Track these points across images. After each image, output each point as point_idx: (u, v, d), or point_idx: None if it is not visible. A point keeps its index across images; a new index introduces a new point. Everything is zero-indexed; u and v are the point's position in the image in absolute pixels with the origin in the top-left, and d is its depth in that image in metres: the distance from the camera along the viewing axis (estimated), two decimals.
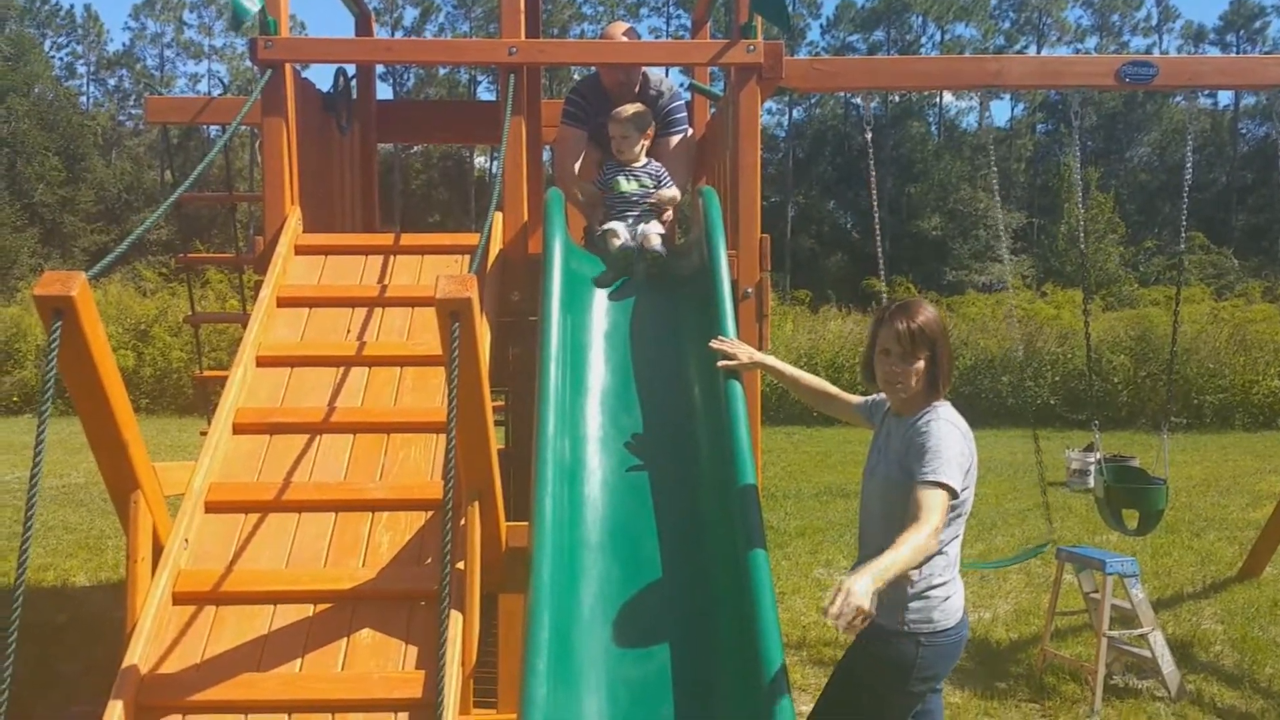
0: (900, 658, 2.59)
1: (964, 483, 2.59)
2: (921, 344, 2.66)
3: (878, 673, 2.65)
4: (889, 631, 2.58)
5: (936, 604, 2.60)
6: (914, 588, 2.58)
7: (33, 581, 6.49)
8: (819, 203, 39.34)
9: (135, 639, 2.65)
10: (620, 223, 4.00)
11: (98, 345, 2.39)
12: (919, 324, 2.67)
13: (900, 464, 2.63)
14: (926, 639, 2.58)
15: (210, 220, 28.95)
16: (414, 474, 3.27)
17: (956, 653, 2.69)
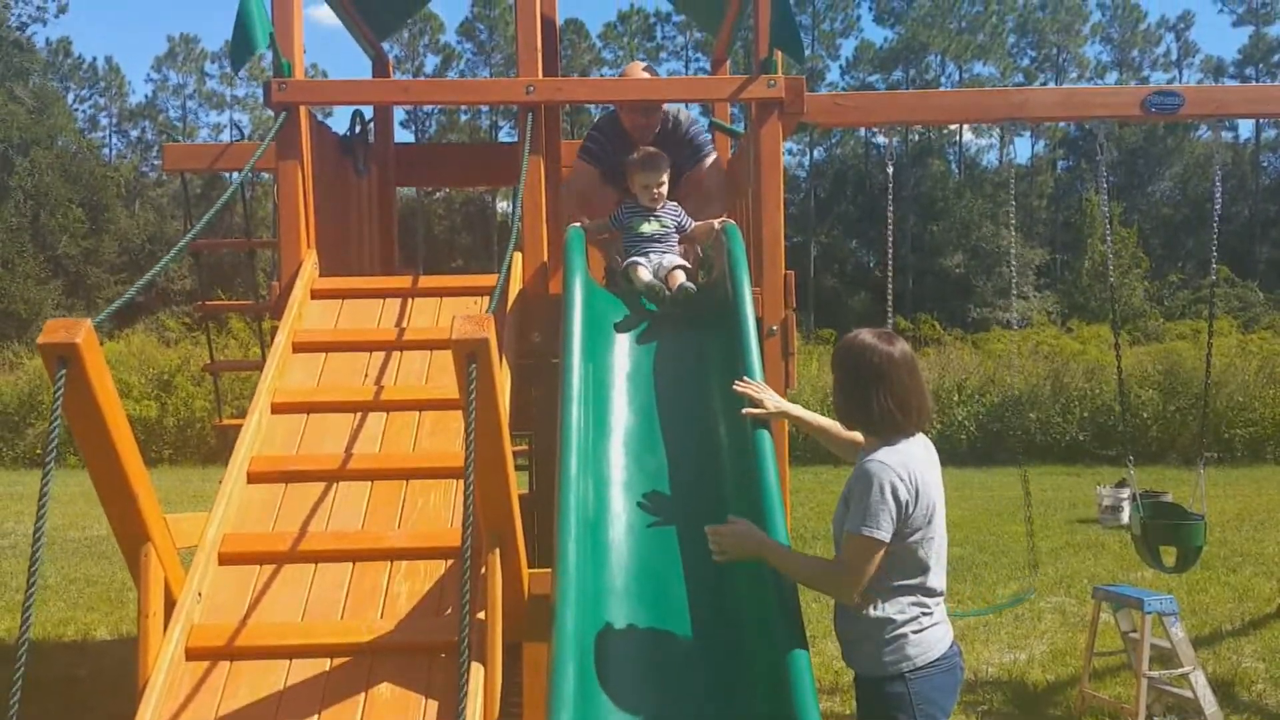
0: (895, 700, 2.57)
1: (902, 526, 2.54)
2: (834, 368, 2.75)
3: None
4: (876, 679, 2.60)
5: (910, 641, 2.58)
6: (884, 634, 2.58)
7: (53, 635, 6.43)
8: (841, 242, 39.34)
9: (147, 696, 2.56)
10: (643, 257, 3.92)
11: (104, 393, 2.33)
12: (836, 350, 2.78)
13: (845, 502, 2.66)
14: (912, 674, 2.56)
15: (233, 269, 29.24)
16: (433, 521, 3.18)
17: (953, 683, 2.65)
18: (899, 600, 2.59)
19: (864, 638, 2.63)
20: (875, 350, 2.67)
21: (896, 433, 2.64)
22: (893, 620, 2.58)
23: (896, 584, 2.59)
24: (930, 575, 2.63)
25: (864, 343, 2.70)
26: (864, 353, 2.68)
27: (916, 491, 2.56)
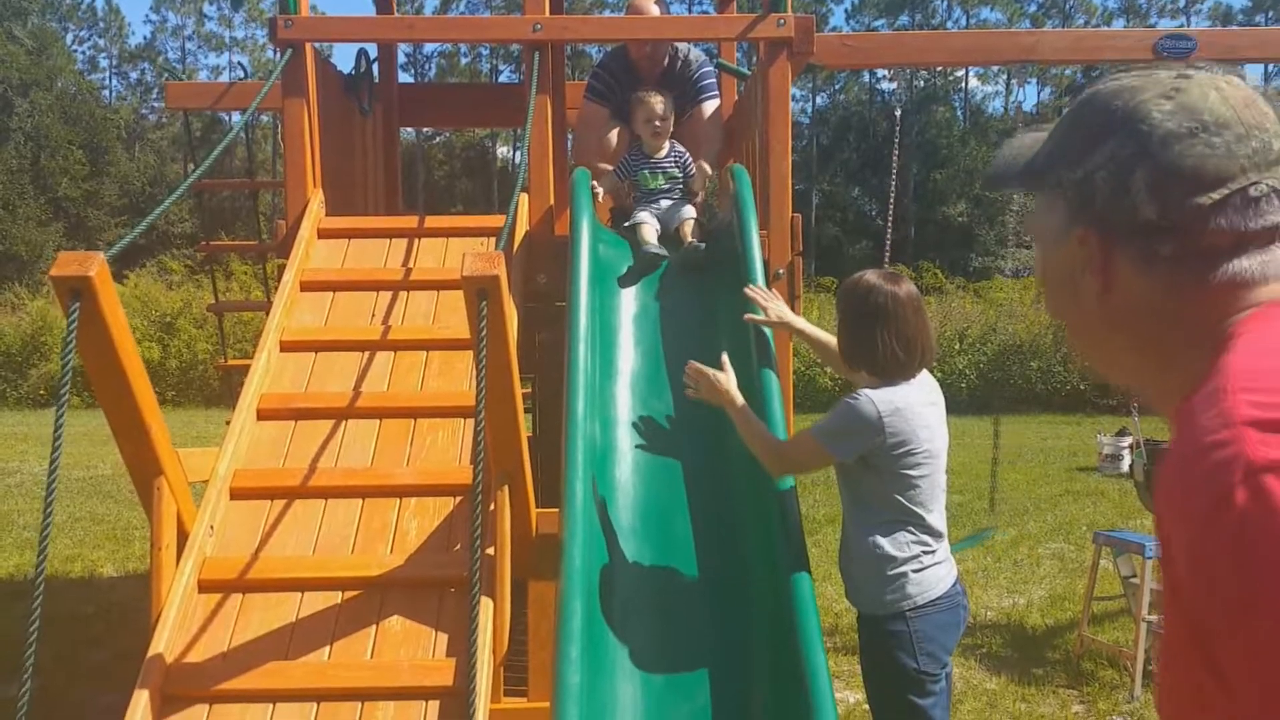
0: (896, 637, 2.60)
1: (850, 450, 2.62)
2: (839, 308, 2.80)
3: (883, 659, 2.64)
4: (878, 617, 2.64)
5: (911, 579, 2.61)
6: (886, 571, 2.61)
7: (60, 572, 6.51)
8: (843, 190, 39.04)
9: (160, 628, 2.60)
10: (648, 211, 3.89)
11: (117, 327, 2.34)
12: (841, 290, 2.83)
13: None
14: (913, 612, 2.60)
15: (233, 213, 29.10)
16: (441, 459, 3.21)
17: (954, 621, 2.68)
18: (898, 537, 2.62)
19: (866, 576, 2.66)
20: (880, 290, 2.68)
21: (899, 373, 2.66)
22: (894, 558, 2.61)
23: (891, 519, 2.62)
24: (929, 514, 2.66)
25: (869, 283, 2.71)
26: (869, 293, 2.69)
27: (895, 433, 2.58)
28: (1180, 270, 0.93)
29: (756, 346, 3.27)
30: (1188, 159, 0.91)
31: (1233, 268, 0.92)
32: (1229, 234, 0.91)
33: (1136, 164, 0.93)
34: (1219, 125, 0.92)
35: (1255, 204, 0.91)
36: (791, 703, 2.47)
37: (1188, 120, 0.92)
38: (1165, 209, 0.92)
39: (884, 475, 2.61)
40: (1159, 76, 0.96)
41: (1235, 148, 0.91)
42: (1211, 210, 0.91)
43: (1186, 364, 0.91)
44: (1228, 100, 0.93)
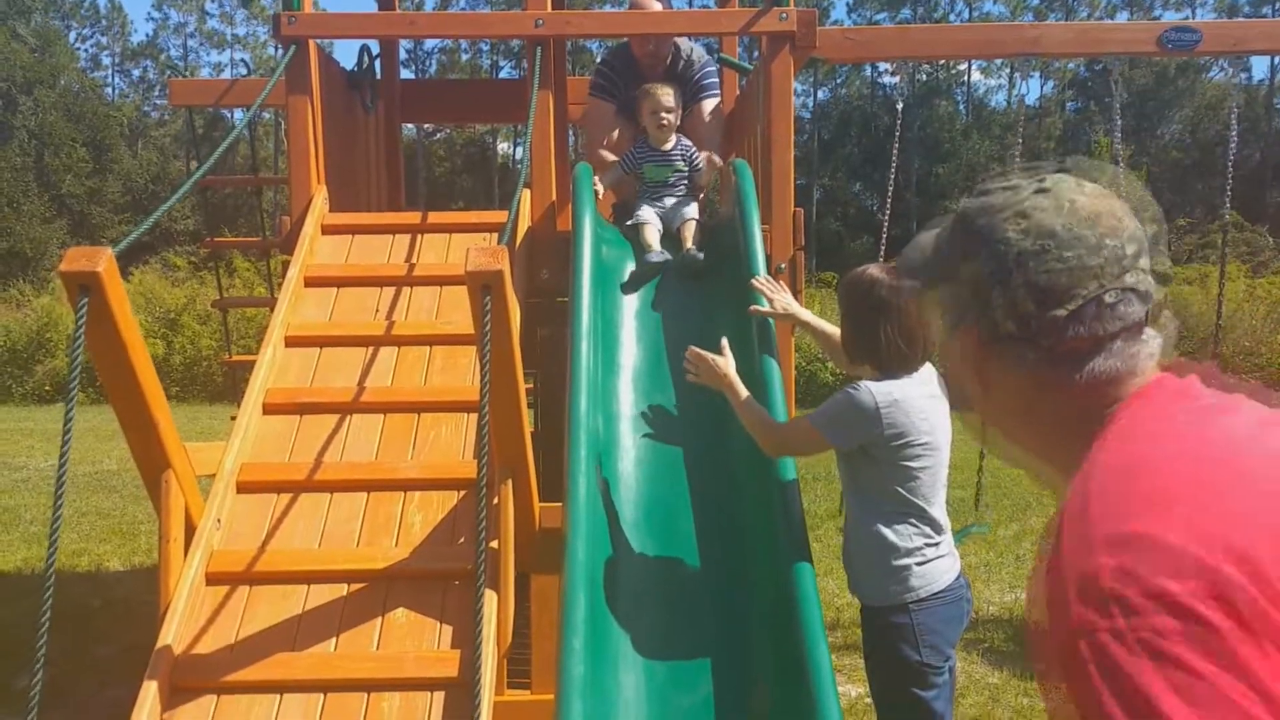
0: (899, 629, 2.61)
1: (847, 439, 2.64)
2: (842, 303, 2.80)
3: (886, 652, 2.65)
4: (881, 609, 2.64)
5: (914, 572, 2.62)
6: (890, 562, 2.62)
7: (67, 566, 6.54)
8: (845, 185, 38.98)
9: (169, 620, 2.62)
10: (651, 208, 3.89)
11: (125, 322, 2.36)
12: (843, 284, 2.82)
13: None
14: (915, 605, 2.61)
15: (236, 210, 29.12)
16: (445, 453, 3.23)
17: (958, 614, 2.69)
18: (901, 528, 2.63)
19: (869, 566, 2.68)
20: (883, 284, 2.69)
21: (902, 367, 2.67)
22: (897, 548, 2.62)
23: (893, 510, 2.63)
24: (930, 507, 2.67)
25: (872, 277, 2.72)
26: (872, 287, 2.70)
27: (892, 424, 2.59)
28: (1047, 372, 1.00)
29: (759, 339, 3.29)
30: (1041, 276, 0.98)
31: (1096, 368, 0.99)
32: (1087, 339, 0.99)
33: (996, 282, 1.00)
34: (1071, 241, 0.99)
35: (1111, 309, 0.99)
36: (794, 695, 2.49)
37: (1040, 239, 0.99)
38: (1025, 322, 0.99)
39: (884, 466, 2.63)
40: (1020, 192, 1.03)
41: (1087, 259, 0.98)
42: (1068, 320, 0.98)
43: (1068, 452, 0.97)
44: (1080, 213, 1.00)
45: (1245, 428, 0.95)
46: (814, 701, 2.41)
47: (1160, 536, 0.83)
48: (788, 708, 2.52)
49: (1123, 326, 1.00)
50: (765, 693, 2.64)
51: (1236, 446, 0.92)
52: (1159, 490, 0.87)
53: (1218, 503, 0.85)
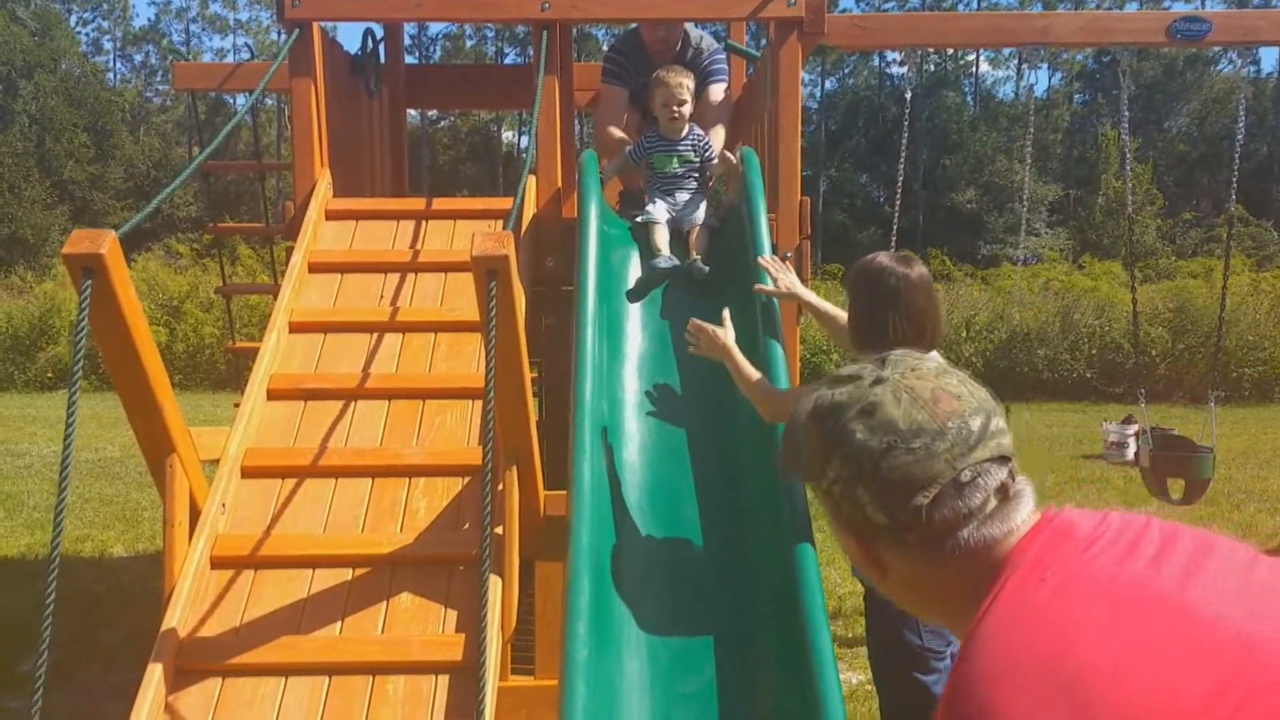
0: (902, 614, 2.58)
1: None
2: (851, 291, 2.81)
3: (888, 636, 2.70)
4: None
5: None
6: None
7: (71, 552, 6.55)
8: (851, 176, 38.88)
9: (173, 603, 2.62)
10: (662, 203, 3.78)
11: (129, 304, 2.36)
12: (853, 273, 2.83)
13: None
14: None
15: (238, 197, 29.10)
16: (450, 440, 3.23)
17: None
18: None
19: None
20: (893, 272, 2.69)
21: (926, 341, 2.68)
22: None
23: None
24: None
25: (881, 265, 2.72)
26: (881, 275, 2.70)
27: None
28: (929, 550, 1.06)
29: (763, 322, 3.28)
30: (895, 471, 1.04)
31: (969, 539, 1.05)
32: (954, 516, 1.04)
33: (856, 482, 1.06)
34: (914, 432, 1.04)
35: (970, 485, 1.04)
36: (796, 680, 2.49)
37: (886, 436, 1.04)
38: (891, 514, 1.05)
39: None
40: (859, 387, 1.09)
41: (934, 447, 1.04)
42: (930, 506, 1.04)
43: (964, 613, 1.03)
44: (919, 400, 1.06)
45: (1130, 572, 0.99)
46: (816, 686, 2.41)
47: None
48: (790, 692, 2.52)
49: (984, 498, 1.04)
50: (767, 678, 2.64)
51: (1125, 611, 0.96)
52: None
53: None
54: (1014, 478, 1.09)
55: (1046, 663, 0.92)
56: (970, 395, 1.09)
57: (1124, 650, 0.91)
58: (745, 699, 2.61)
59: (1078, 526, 1.06)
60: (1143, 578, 0.98)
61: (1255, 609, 0.97)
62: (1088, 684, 0.89)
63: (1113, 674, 0.90)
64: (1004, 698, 0.92)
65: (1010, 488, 1.07)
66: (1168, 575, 0.99)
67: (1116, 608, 0.95)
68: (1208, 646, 0.92)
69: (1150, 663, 0.91)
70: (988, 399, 1.11)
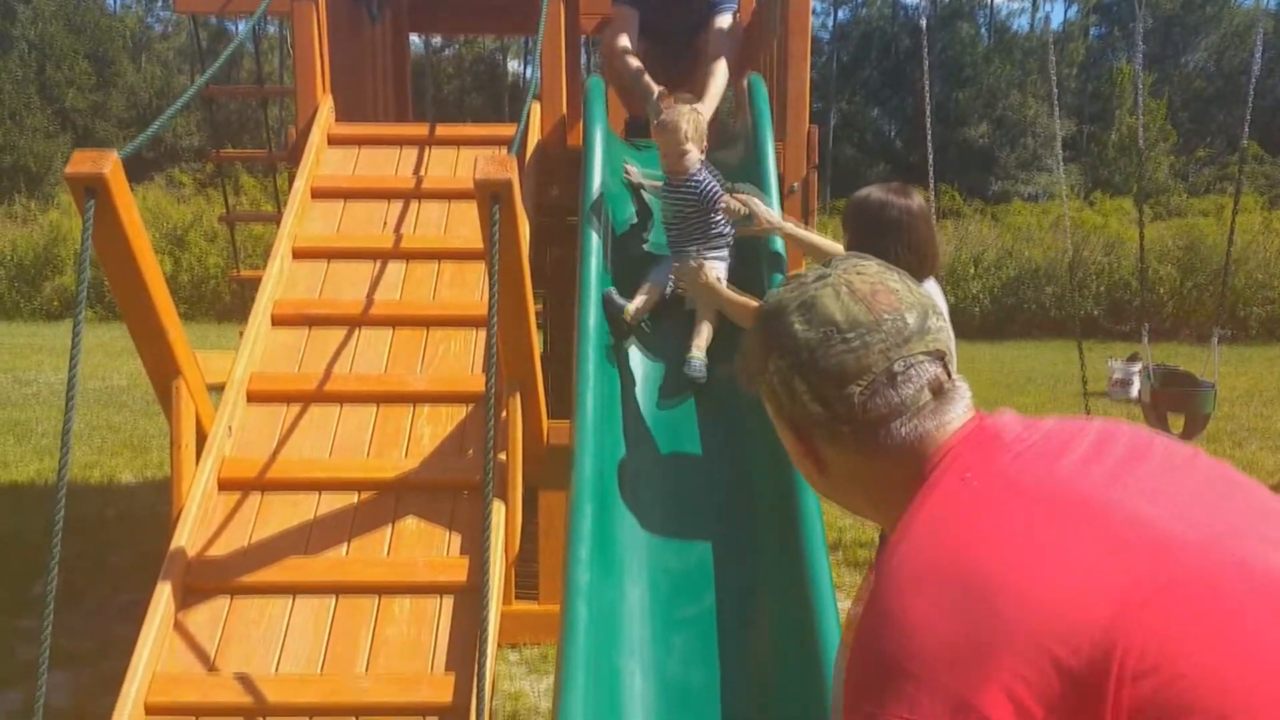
0: None
1: None
2: (850, 227, 2.74)
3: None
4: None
5: None
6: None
7: (79, 479, 6.63)
8: (862, 110, 38.33)
9: (181, 524, 2.66)
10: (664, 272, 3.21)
11: (132, 226, 2.35)
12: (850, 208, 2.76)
13: None
14: None
15: (241, 126, 28.82)
16: (454, 368, 3.24)
17: None
18: None
19: None
20: (893, 205, 2.66)
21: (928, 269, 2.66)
22: None
23: None
24: None
25: (880, 199, 2.69)
26: (883, 208, 2.66)
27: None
28: (863, 442, 1.10)
29: (768, 260, 3.27)
30: (831, 361, 1.08)
31: (902, 431, 1.09)
32: (886, 408, 1.08)
33: (794, 374, 1.10)
34: (850, 324, 1.08)
35: (902, 375, 1.08)
36: (794, 608, 2.53)
37: (823, 327, 1.09)
38: (827, 404, 1.09)
39: None
40: (803, 286, 1.13)
41: (869, 339, 1.08)
42: (864, 395, 1.08)
43: (894, 509, 1.06)
44: (857, 294, 1.10)
45: (1063, 470, 1.02)
46: (813, 613, 2.45)
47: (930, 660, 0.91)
48: (788, 620, 2.56)
49: (915, 390, 1.08)
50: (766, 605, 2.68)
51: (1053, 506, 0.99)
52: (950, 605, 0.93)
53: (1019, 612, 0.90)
54: (950, 374, 1.12)
55: (951, 566, 0.95)
56: (909, 292, 1.12)
57: (1032, 552, 0.93)
58: (744, 626, 2.65)
59: (1007, 429, 1.08)
60: (1065, 479, 1.00)
61: (1181, 511, 0.98)
62: (990, 586, 0.91)
63: (1017, 576, 0.91)
64: (906, 601, 0.94)
65: (945, 384, 1.10)
66: (1093, 477, 1.01)
67: (1031, 510, 0.97)
68: (1125, 547, 0.93)
69: (1058, 565, 0.92)
70: (927, 297, 1.14)
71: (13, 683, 3.79)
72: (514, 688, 3.82)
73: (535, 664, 4.02)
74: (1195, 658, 0.87)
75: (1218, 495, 1.03)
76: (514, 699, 3.73)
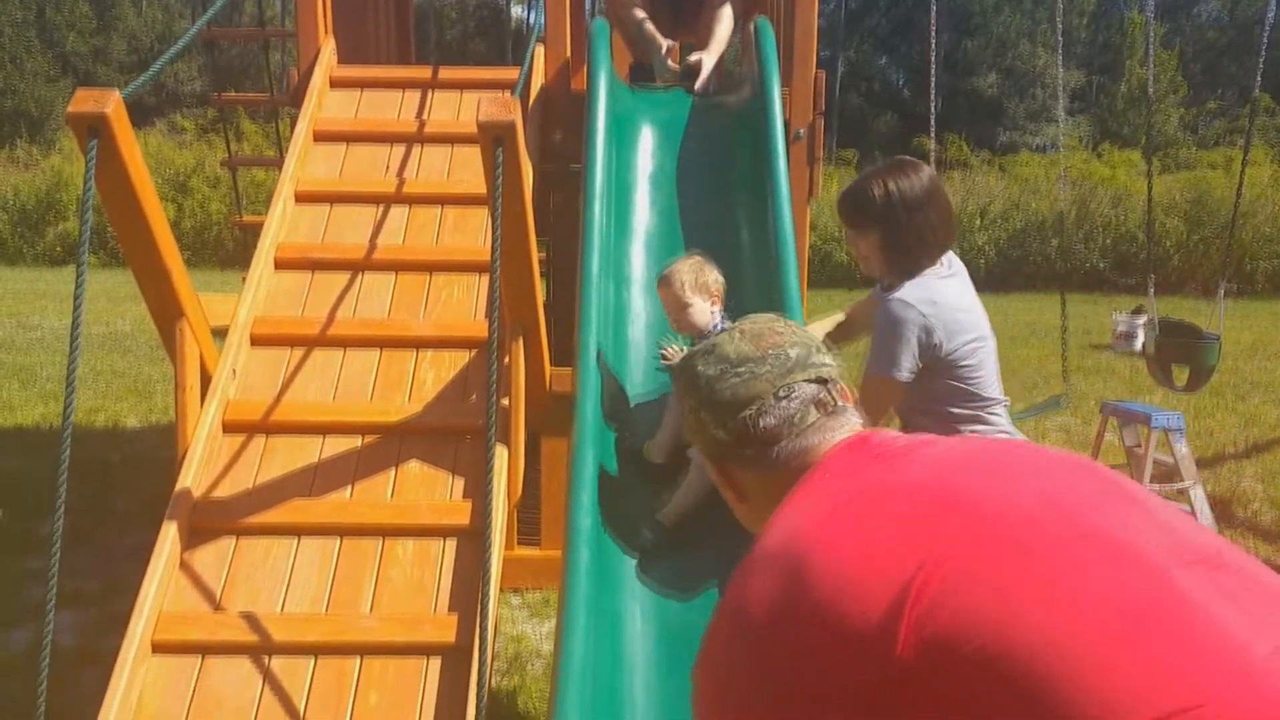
0: None
1: (919, 360, 2.41)
2: (867, 213, 2.45)
3: None
4: None
5: None
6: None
7: (85, 423, 6.66)
8: (870, 58, 37.85)
9: (187, 465, 2.68)
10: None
11: (135, 167, 2.33)
12: (861, 191, 2.47)
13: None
14: None
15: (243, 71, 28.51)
16: (457, 313, 3.24)
17: None
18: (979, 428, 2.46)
19: None
20: (913, 190, 2.45)
21: (929, 262, 2.47)
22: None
23: (968, 414, 2.46)
24: (986, 387, 2.49)
25: (901, 187, 2.45)
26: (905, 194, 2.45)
27: (939, 321, 2.40)
28: (763, 461, 1.27)
29: (773, 213, 3.24)
30: (726, 392, 1.29)
31: (792, 446, 1.26)
32: (776, 426, 1.26)
33: (701, 407, 1.31)
34: (740, 360, 1.29)
35: (784, 400, 1.26)
36: None
37: (719, 365, 1.30)
38: (727, 430, 1.28)
39: (943, 373, 2.43)
40: (712, 341, 1.35)
41: (757, 370, 1.28)
42: (754, 418, 1.26)
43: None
44: (746, 336, 1.32)
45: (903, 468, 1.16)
46: None
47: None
48: None
49: (801, 407, 1.26)
50: None
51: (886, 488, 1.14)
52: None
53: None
54: (834, 398, 1.29)
55: (781, 548, 1.09)
56: (793, 333, 1.33)
57: (844, 531, 1.07)
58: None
59: (872, 440, 1.24)
60: (905, 472, 1.15)
61: (1014, 487, 1.10)
62: (805, 561, 1.05)
63: (826, 550, 1.05)
64: (746, 582, 1.10)
65: (829, 405, 1.28)
66: (931, 468, 1.14)
67: (858, 496, 1.13)
68: (942, 516, 1.05)
69: (870, 537, 1.05)
70: (813, 338, 1.34)
71: (20, 622, 3.84)
72: (516, 630, 3.88)
73: (537, 608, 4.07)
74: (988, 598, 0.97)
75: (1070, 477, 1.14)
76: (516, 641, 3.79)
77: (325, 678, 2.39)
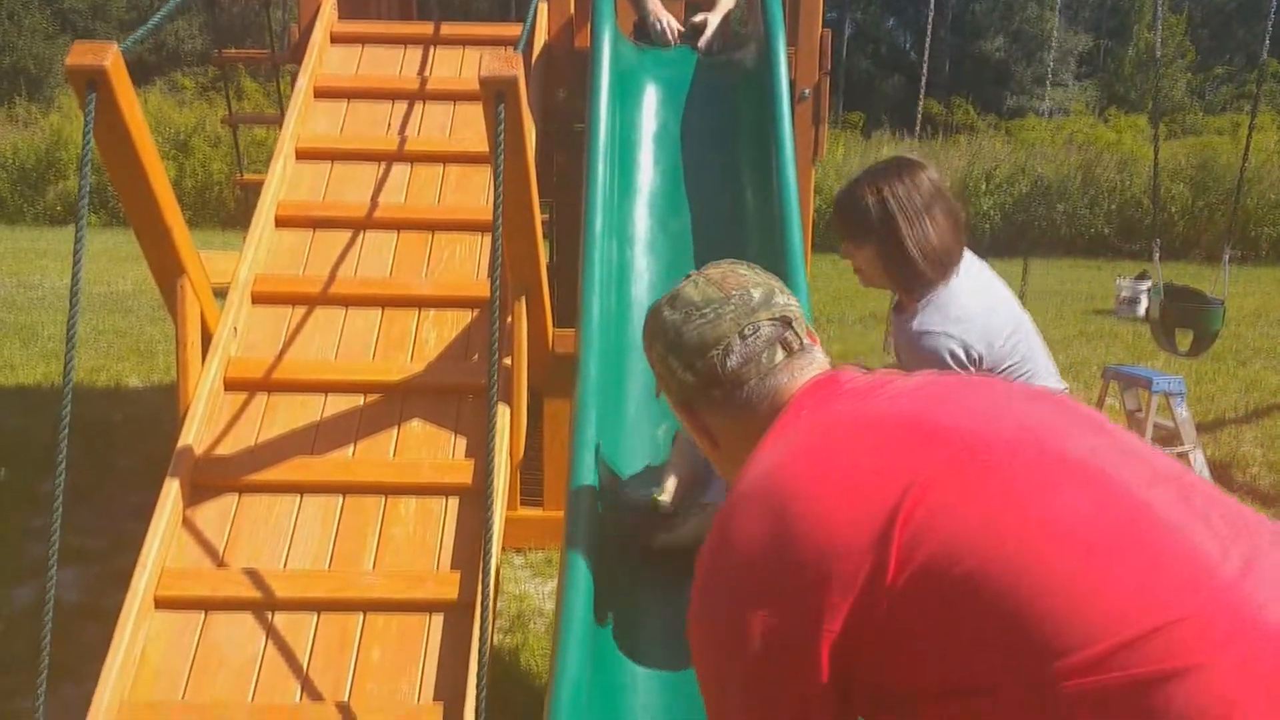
0: None
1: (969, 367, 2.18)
2: (860, 223, 2.20)
3: None
4: None
5: None
6: None
7: (86, 382, 6.66)
8: (877, 20, 37.43)
9: (188, 422, 2.68)
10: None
11: (134, 120, 2.31)
12: (852, 197, 2.21)
13: (906, 369, 2.21)
14: None
15: (244, 30, 28.23)
16: (459, 272, 3.22)
17: None
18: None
19: None
20: (911, 196, 2.20)
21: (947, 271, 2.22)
22: None
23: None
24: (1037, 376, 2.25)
25: (898, 192, 2.20)
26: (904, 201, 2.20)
27: (983, 325, 2.18)
28: (731, 402, 1.29)
29: (777, 173, 3.22)
30: (692, 335, 1.30)
31: (761, 386, 1.28)
32: (742, 366, 1.28)
33: (669, 353, 1.33)
34: (704, 303, 1.31)
35: (749, 339, 1.28)
36: None
37: (683, 309, 1.32)
38: (695, 372, 1.30)
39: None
40: (673, 288, 1.36)
41: (721, 311, 1.30)
42: (721, 359, 1.28)
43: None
44: (710, 280, 1.34)
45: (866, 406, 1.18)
46: None
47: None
48: None
49: (767, 345, 1.28)
50: None
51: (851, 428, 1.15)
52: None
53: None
54: (799, 337, 1.30)
55: (761, 486, 1.10)
56: (755, 275, 1.34)
57: (824, 464, 1.09)
58: None
59: (841, 377, 1.25)
60: (875, 406, 1.16)
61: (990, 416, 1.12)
62: (787, 496, 1.06)
63: (808, 484, 1.07)
64: (731, 518, 1.11)
65: (794, 345, 1.29)
66: (902, 401, 1.16)
67: (834, 431, 1.14)
68: (922, 445, 1.07)
69: (851, 471, 1.06)
70: (775, 280, 1.35)
71: (23, 579, 3.87)
72: (519, 590, 3.90)
73: (540, 568, 4.09)
74: (973, 524, 0.98)
75: (1040, 408, 1.16)
76: (519, 600, 3.81)
77: (328, 634, 2.40)
